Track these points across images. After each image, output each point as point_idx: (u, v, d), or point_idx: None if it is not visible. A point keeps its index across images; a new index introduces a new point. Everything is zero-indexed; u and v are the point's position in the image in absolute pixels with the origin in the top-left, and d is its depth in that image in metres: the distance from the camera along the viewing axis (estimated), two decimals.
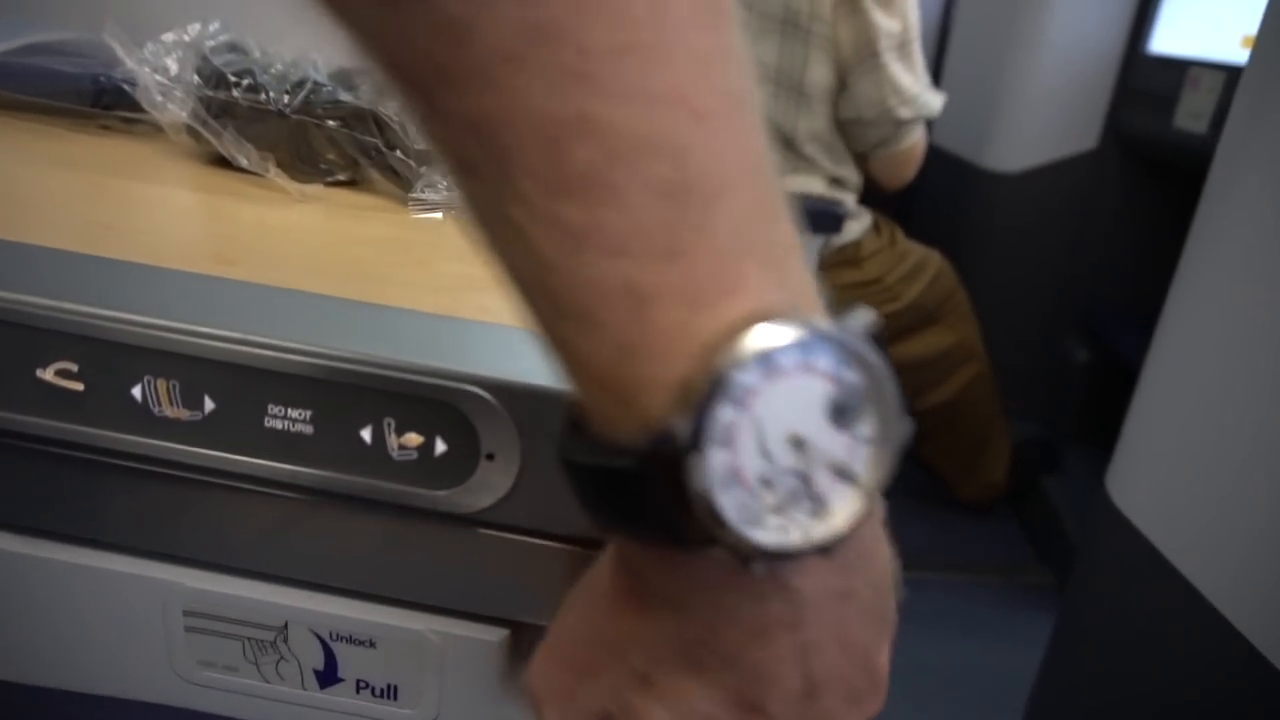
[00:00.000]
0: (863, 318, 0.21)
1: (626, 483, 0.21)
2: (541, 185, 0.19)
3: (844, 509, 0.22)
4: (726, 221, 0.20)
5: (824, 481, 0.21)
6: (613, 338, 0.20)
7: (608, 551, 0.27)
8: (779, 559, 0.21)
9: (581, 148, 0.19)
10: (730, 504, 0.20)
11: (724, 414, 0.20)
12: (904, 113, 1.35)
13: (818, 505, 0.21)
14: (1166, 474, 0.70)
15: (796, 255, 0.22)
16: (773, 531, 0.21)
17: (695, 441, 0.20)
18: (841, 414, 0.21)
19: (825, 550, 0.22)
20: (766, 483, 0.21)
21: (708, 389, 0.19)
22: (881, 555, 0.25)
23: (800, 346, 0.20)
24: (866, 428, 0.22)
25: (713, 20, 0.20)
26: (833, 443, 0.21)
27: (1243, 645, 0.60)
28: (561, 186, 0.19)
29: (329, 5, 0.20)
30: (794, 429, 0.21)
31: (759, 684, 0.24)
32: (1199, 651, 0.65)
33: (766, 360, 0.20)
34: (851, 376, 0.21)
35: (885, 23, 1.31)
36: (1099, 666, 0.77)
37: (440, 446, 0.32)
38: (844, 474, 0.21)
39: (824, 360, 0.21)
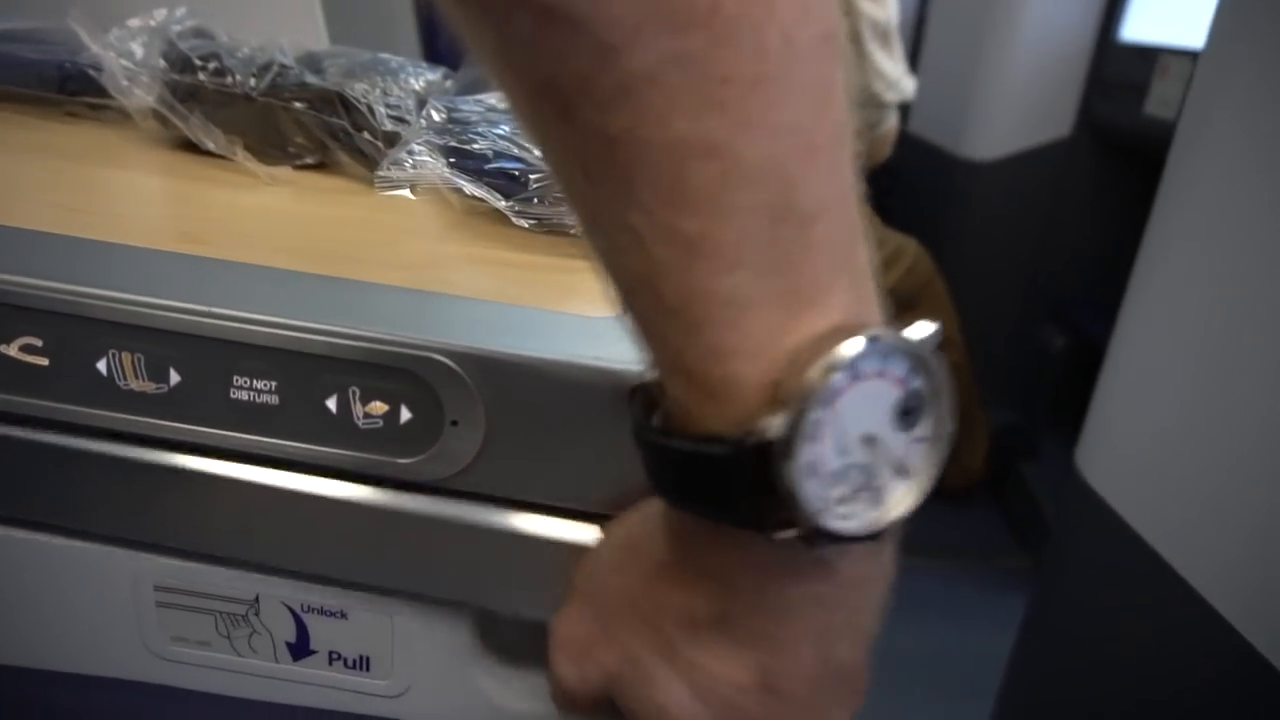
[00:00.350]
0: (927, 329, 0.23)
1: (714, 468, 0.23)
2: (662, 197, 0.21)
3: (898, 500, 0.24)
4: (820, 242, 0.22)
5: (885, 475, 0.24)
6: (709, 339, 0.22)
7: (654, 521, 0.28)
8: (839, 542, 0.23)
9: (705, 167, 0.20)
10: (809, 493, 0.22)
11: (816, 413, 0.22)
12: (889, 97, 1.39)
13: (876, 496, 0.24)
14: (1132, 446, 0.71)
15: (870, 274, 0.24)
16: (838, 519, 0.23)
17: (789, 437, 0.21)
18: (906, 415, 0.23)
19: (875, 537, 0.24)
20: (838, 475, 0.23)
21: (805, 391, 0.21)
22: (892, 550, 0.27)
23: (879, 355, 0.22)
24: (924, 428, 0.24)
25: (829, 52, 0.21)
26: (897, 441, 0.23)
27: (1212, 616, 0.61)
28: (680, 200, 0.21)
29: (476, 15, 0.21)
30: (868, 428, 0.23)
31: (781, 661, 0.26)
32: (1168, 622, 0.67)
33: (852, 367, 0.22)
34: (918, 382, 0.23)
35: (871, 10, 1.34)
36: (1071, 638, 0.78)
37: (405, 414, 0.32)
38: (902, 469, 0.24)
39: (898, 367, 0.23)
